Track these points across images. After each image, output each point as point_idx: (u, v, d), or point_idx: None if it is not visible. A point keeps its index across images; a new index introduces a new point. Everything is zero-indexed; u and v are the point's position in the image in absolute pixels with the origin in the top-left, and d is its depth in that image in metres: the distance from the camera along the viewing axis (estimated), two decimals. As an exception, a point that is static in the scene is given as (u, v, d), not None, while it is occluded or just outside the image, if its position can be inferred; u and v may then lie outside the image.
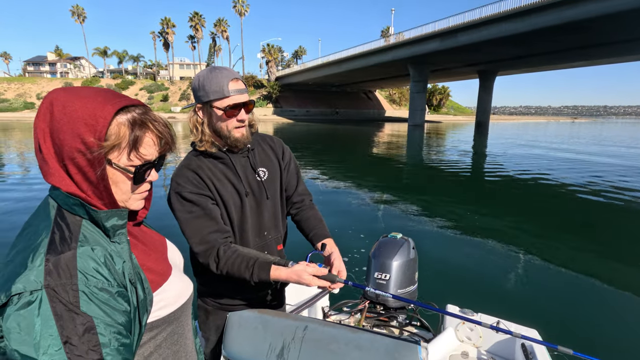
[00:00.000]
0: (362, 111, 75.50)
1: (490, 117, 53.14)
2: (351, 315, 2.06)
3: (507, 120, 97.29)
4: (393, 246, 2.02)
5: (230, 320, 1.30)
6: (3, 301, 0.55)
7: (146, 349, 0.78)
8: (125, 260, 0.70)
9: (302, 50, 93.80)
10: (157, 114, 0.75)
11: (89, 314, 0.58)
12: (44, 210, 0.71)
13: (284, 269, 1.18)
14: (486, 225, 6.01)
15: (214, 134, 1.28)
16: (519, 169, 12.27)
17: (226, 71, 1.22)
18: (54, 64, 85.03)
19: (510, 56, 37.79)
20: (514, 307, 3.46)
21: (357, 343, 1.11)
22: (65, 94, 0.67)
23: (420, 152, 17.93)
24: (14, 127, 33.72)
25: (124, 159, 0.70)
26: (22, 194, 7.85)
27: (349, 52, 47.89)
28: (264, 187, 1.38)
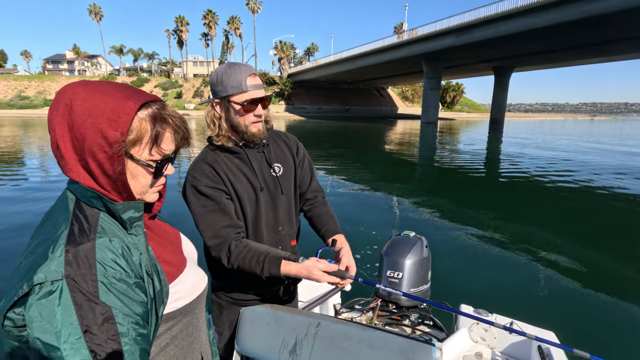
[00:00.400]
0: (374, 108, 75.02)
1: (505, 114, 52.12)
2: (363, 313, 2.06)
3: (523, 118, 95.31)
4: (406, 244, 2.01)
5: (244, 315, 1.31)
6: (25, 291, 0.56)
7: (162, 340, 0.79)
8: (142, 252, 0.71)
9: (314, 47, 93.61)
10: (173, 109, 0.76)
11: (108, 304, 0.59)
12: (62, 203, 0.72)
13: (295, 264, 1.19)
14: (501, 224, 5.91)
15: (230, 129, 1.29)
16: (536, 168, 12.01)
17: (244, 67, 1.24)
18: (72, 62, 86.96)
19: (527, 52, 36.90)
20: (529, 308, 3.39)
21: (370, 341, 1.10)
22: (84, 89, 0.67)
23: (433, 149, 17.72)
24: (34, 123, 34.65)
25: (145, 154, 0.71)
26: (41, 187, 8.05)
27: (361, 48, 47.59)
28: (279, 183, 1.40)
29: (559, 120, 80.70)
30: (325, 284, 2.10)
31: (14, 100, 60.84)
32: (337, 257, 1.30)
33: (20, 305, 0.57)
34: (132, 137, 0.68)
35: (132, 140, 0.68)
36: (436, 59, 39.82)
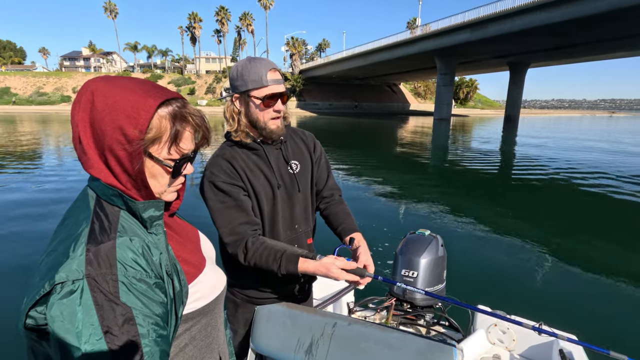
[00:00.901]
0: (385, 104, 74.43)
1: (520, 110, 51.08)
2: (377, 312, 2.04)
3: (538, 114, 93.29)
4: (421, 243, 1.98)
5: (259, 313, 1.31)
6: (47, 290, 0.56)
7: (181, 340, 0.78)
8: (162, 251, 0.70)
9: (325, 43, 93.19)
10: (194, 107, 0.75)
11: (128, 305, 0.59)
12: (83, 200, 0.71)
13: (312, 262, 1.17)
14: (518, 224, 5.80)
15: (249, 124, 1.29)
16: (553, 166, 11.75)
17: (265, 61, 1.23)
18: (88, 58, 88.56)
19: (544, 47, 36.01)
20: (550, 310, 3.30)
21: (388, 342, 1.08)
22: (106, 84, 0.66)
23: (446, 147, 17.50)
24: (52, 119, 35.44)
25: (164, 153, 0.70)
26: (60, 184, 8.23)
27: (374, 44, 47.17)
28: (296, 180, 1.38)
29: (576, 117, 78.75)
30: (338, 282, 2.08)
31: (33, 97, 62.34)
32: (354, 255, 1.28)
33: (42, 304, 0.57)
34: (151, 135, 0.67)
35: (151, 139, 0.67)
36: (450, 54, 39.21)
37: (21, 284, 3.52)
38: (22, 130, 22.75)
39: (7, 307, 3.06)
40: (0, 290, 3.47)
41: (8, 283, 3.63)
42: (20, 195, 7.17)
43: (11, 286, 3.56)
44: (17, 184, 8.16)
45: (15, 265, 4.02)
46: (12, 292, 3.43)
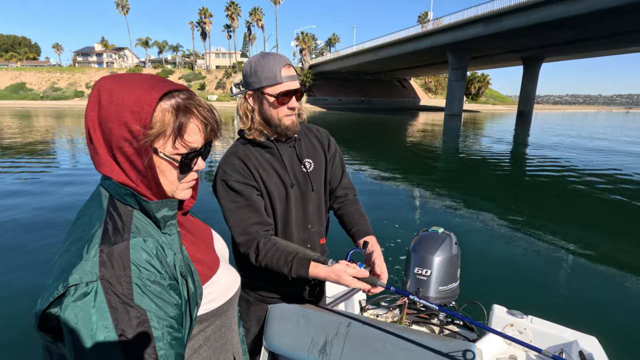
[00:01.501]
0: (395, 100, 73.86)
1: (533, 106, 50.17)
2: (389, 311, 2.01)
3: (551, 110, 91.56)
4: (434, 241, 1.94)
5: (272, 312, 1.30)
6: (61, 292, 0.56)
7: (196, 341, 0.77)
8: (176, 252, 0.69)
9: (335, 37, 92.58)
10: (202, 99, 0.72)
11: (143, 307, 0.58)
12: (96, 200, 0.70)
13: (323, 267, 1.14)
14: (534, 221, 5.69)
15: (263, 122, 1.26)
16: (568, 163, 11.51)
17: (278, 57, 1.20)
18: (100, 54, 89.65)
19: (559, 41, 35.19)
20: (569, 311, 3.22)
21: (404, 344, 1.06)
22: (111, 82, 0.66)
23: (458, 143, 17.28)
24: (66, 114, 36.07)
25: (169, 147, 0.68)
26: (74, 181, 8.36)
27: (384, 39, 46.73)
28: (309, 179, 1.36)
29: (591, 113, 77.02)
30: None
31: (48, 92, 63.50)
32: (368, 260, 1.25)
33: (56, 305, 0.56)
34: (156, 130, 0.65)
35: (155, 133, 0.66)
36: (462, 49, 38.62)
37: (36, 280, 3.59)
38: (40, 125, 23.16)
39: (21, 305, 3.12)
40: (15, 286, 3.54)
41: (24, 279, 3.70)
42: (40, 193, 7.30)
43: (28, 281, 3.63)
44: (36, 178, 8.32)
45: (30, 263, 4.09)
46: (26, 289, 3.50)
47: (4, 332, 2.74)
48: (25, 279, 3.58)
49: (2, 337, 2.68)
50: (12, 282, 3.53)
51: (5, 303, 3.17)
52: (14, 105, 52.98)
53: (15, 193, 6.88)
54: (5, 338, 2.68)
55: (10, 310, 3.04)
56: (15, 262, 3.98)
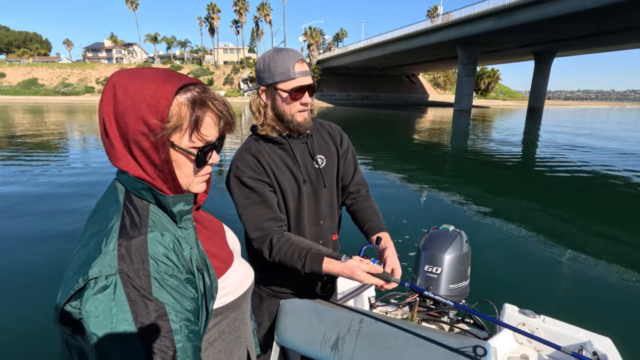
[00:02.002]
0: (403, 95, 73.29)
1: (544, 102, 49.35)
2: (399, 308, 2.01)
3: (562, 106, 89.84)
4: (445, 239, 1.94)
5: (283, 307, 1.31)
6: (81, 285, 0.57)
7: (211, 334, 0.78)
8: (192, 246, 0.69)
9: (343, 32, 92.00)
10: (215, 93, 0.73)
11: (161, 301, 0.59)
12: (112, 194, 0.71)
13: (337, 263, 1.15)
14: (545, 219, 5.62)
15: (276, 117, 1.26)
16: (581, 160, 11.32)
17: (292, 52, 1.20)
18: (109, 50, 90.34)
19: (573, 35, 34.44)
20: (582, 311, 3.17)
21: (417, 341, 1.06)
22: (126, 76, 0.66)
23: (467, 139, 17.10)
24: (77, 109, 36.51)
25: (185, 141, 0.68)
26: (87, 176, 8.48)
27: (393, 34, 46.30)
28: (321, 175, 1.36)
29: (604, 109, 75.47)
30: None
31: (59, 87, 64.33)
32: (381, 256, 1.25)
33: (77, 298, 0.57)
34: (172, 123, 0.66)
35: (172, 127, 0.66)
36: (472, 44, 38.10)
37: (53, 274, 3.66)
38: (52, 120, 23.49)
39: (42, 300, 3.19)
40: (31, 280, 3.61)
41: (41, 272, 3.77)
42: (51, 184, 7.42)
43: (45, 276, 3.70)
44: (50, 171, 8.46)
45: (47, 257, 4.17)
46: (45, 284, 3.57)
47: (22, 326, 2.80)
48: (39, 273, 3.65)
49: (20, 331, 2.74)
50: (27, 276, 3.60)
51: (22, 297, 3.24)
52: (26, 101, 53.81)
53: (29, 187, 7.00)
54: (23, 331, 2.74)
55: (26, 304, 3.10)
56: (29, 256, 4.06)
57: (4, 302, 3.17)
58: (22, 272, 3.66)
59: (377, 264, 1.15)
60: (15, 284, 3.44)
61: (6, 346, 2.59)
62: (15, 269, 3.71)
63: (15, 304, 3.10)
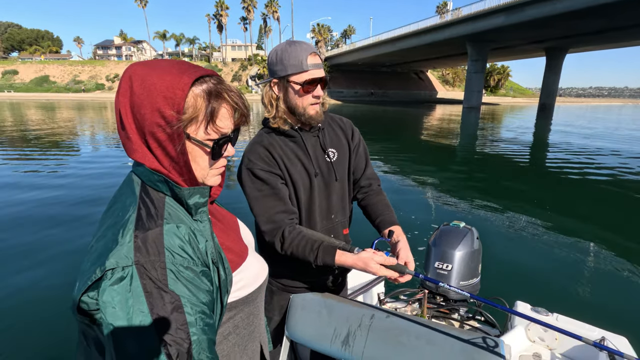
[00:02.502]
0: (412, 92, 72.79)
1: (556, 99, 48.56)
2: (408, 304, 2.00)
3: (574, 103, 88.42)
4: (456, 235, 1.92)
5: (294, 302, 1.30)
6: (98, 276, 0.57)
7: (225, 328, 0.78)
8: (207, 239, 0.69)
9: (351, 29, 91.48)
10: (230, 84, 0.72)
11: (177, 293, 0.59)
12: (128, 186, 0.71)
13: (350, 255, 1.14)
14: (558, 217, 5.52)
15: (288, 110, 1.26)
16: (593, 157, 11.13)
17: (305, 45, 1.20)
18: (119, 47, 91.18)
19: (585, 31, 33.78)
20: (597, 309, 3.11)
21: (429, 337, 1.05)
22: (142, 68, 0.66)
23: (476, 137, 16.91)
24: (87, 106, 36.98)
25: (201, 133, 0.68)
26: (101, 170, 8.58)
27: (402, 30, 45.92)
28: (333, 169, 1.35)
29: (616, 106, 74.06)
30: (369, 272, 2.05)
31: (70, 85, 65.21)
32: (394, 249, 1.24)
33: (94, 289, 0.57)
34: (188, 115, 0.65)
35: (188, 118, 0.66)
36: (482, 40, 37.61)
37: (68, 264, 3.71)
38: (64, 116, 23.82)
39: (57, 289, 3.25)
40: (50, 270, 3.67)
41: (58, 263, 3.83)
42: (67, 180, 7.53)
43: (62, 266, 3.76)
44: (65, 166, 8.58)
45: (63, 250, 4.23)
46: (60, 272, 3.63)
47: (38, 316, 2.85)
48: (53, 267, 3.71)
49: (37, 320, 2.79)
50: (43, 269, 3.66)
51: (39, 288, 3.30)
52: (39, 98, 54.65)
53: (45, 180, 7.12)
54: (39, 321, 2.79)
55: (44, 295, 3.16)
56: (44, 250, 4.13)
57: (27, 287, 3.25)
58: (32, 268, 3.72)
59: (390, 256, 1.14)
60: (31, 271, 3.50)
61: (27, 333, 2.64)
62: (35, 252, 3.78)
63: (34, 291, 3.17)
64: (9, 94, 59.50)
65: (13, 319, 2.82)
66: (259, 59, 67.27)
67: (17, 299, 3.10)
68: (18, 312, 2.91)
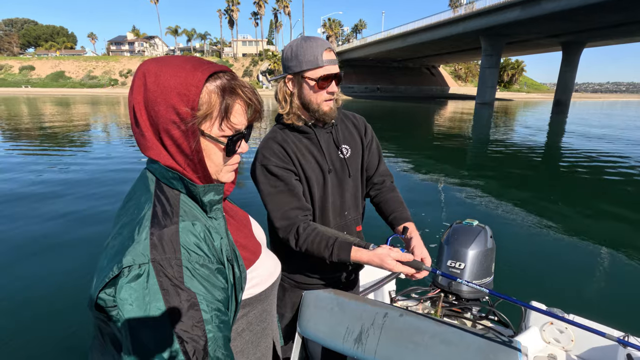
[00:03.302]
0: (423, 87, 72.02)
1: (572, 95, 47.42)
2: (420, 303, 1.98)
3: (590, 99, 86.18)
4: (469, 234, 1.89)
5: (306, 299, 1.30)
6: (115, 273, 0.57)
7: (239, 325, 0.79)
8: (222, 236, 0.69)
9: (362, 24, 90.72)
10: (244, 80, 0.71)
11: (193, 290, 0.59)
12: (143, 183, 0.71)
13: (365, 252, 1.14)
14: (575, 216, 5.41)
15: (302, 106, 1.25)
16: (612, 155, 10.85)
17: (320, 40, 1.19)
18: (132, 43, 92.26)
19: (604, 24, 32.78)
20: (614, 311, 3.03)
21: (444, 337, 1.03)
22: (156, 65, 0.65)
23: (490, 133, 16.65)
24: (102, 101, 37.55)
25: (215, 129, 0.67)
26: (115, 165, 8.72)
27: (414, 24, 45.34)
28: (346, 165, 1.35)
29: (635, 102, 71.98)
30: (381, 270, 2.03)
31: (84, 80, 66.31)
32: (408, 245, 1.23)
33: (111, 286, 0.58)
34: (203, 112, 0.65)
35: (202, 115, 0.65)
36: (497, 34, 36.85)
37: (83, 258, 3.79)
38: (79, 112, 24.24)
39: (72, 282, 3.31)
40: (66, 266, 3.76)
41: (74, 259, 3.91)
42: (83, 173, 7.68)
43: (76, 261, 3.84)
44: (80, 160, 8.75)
45: (79, 240, 4.32)
46: (76, 268, 3.70)
47: (53, 308, 2.92)
48: (70, 261, 3.80)
49: (53, 317, 2.86)
50: (59, 264, 3.75)
51: (53, 285, 3.37)
52: (55, 93, 55.74)
53: (61, 175, 7.27)
54: (55, 313, 2.86)
55: (58, 293, 3.23)
56: (61, 246, 4.22)
57: (46, 278, 3.34)
58: (50, 262, 3.81)
59: (405, 253, 1.13)
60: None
61: (46, 323, 2.70)
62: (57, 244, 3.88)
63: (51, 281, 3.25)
64: (26, 89, 60.92)
65: (30, 310, 2.89)
66: (270, 54, 67.32)
67: (33, 290, 3.17)
68: (34, 304, 2.98)
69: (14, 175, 7.24)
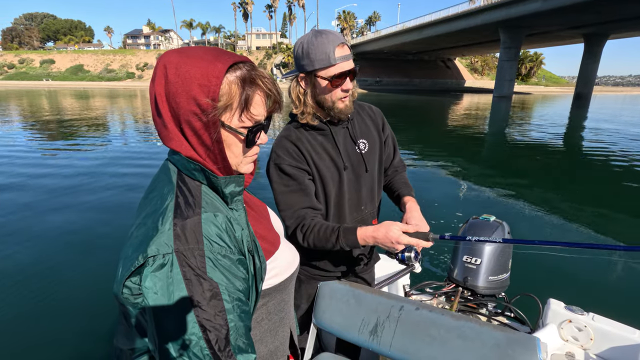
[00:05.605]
0: (438, 81, 70.87)
1: (593, 88, 45.92)
2: (434, 297, 1.97)
3: (611, 92, 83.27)
4: (486, 229, 1.86)
5: (321, 290, 1.31)
6: (140, 262, 0.59)
7: (258, 315, 0.80)
8: (243, 227, 0.70)
9: (376, 16, 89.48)
10: (263, 70, 0.71)
11: (215, 280, 0.60)
12: (165, 174, 0.71)
13: (371, 227, 1.14)
14: (595, 212, 5.28)
15: (316, 105, 1.23)
16: (634, 152, 10.50)
17: (332, 35, 1.13)
18: (148, 36, 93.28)
19: (628, 16, 31.51)
20: (637, 310, 2.96)
21: (461, 331, 1.03)
22: (177, 56, 0.65)
23: (508, 128, 16.28)
24: (119, 94, 38.21)
25: (235, 121, 0.67)
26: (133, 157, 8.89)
27: (430, 17, 44.52)
28: (363, 160, 1.34)
29: (660, 96, 69.18)
30: (395, 264, 2.03)
31: (102, 73, 67.58)
32: (403, 220, 1.25)
33: (136, 275, 0.60)
34: (223, 103, 0.65)
35: (223, 106, 0.65)
36: (517, 26, 35.86)
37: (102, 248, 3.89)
38: (97, 105, 24.75)
39: (93, 270, 3.41)
40: (89, 255, 3.87)
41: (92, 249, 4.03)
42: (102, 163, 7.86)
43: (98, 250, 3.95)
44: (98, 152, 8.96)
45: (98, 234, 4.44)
46: (97, 258, 3.81)
47: (80, 298, 3.02)
48: (91, 252, 3.91)
49: (78, 302, 2.96)
50: (82, 254, 3.87)
51: (76, 273, 3.48)
52: (75, 86, 57.00)
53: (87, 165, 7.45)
54: (80, 303, 2.96)
55: (83, 280, 3.34)
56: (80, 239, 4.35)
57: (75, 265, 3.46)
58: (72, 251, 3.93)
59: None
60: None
61: (74, 309, 2.81)
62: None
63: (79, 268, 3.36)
64: (47, 83, 62.48)
65: (56, 296, 3.00)
66: (284, 47, 67.16)
67: (56, 278, 3.28)
68: (58, 290, 3.09)
69: (51, 170, 7.44)
